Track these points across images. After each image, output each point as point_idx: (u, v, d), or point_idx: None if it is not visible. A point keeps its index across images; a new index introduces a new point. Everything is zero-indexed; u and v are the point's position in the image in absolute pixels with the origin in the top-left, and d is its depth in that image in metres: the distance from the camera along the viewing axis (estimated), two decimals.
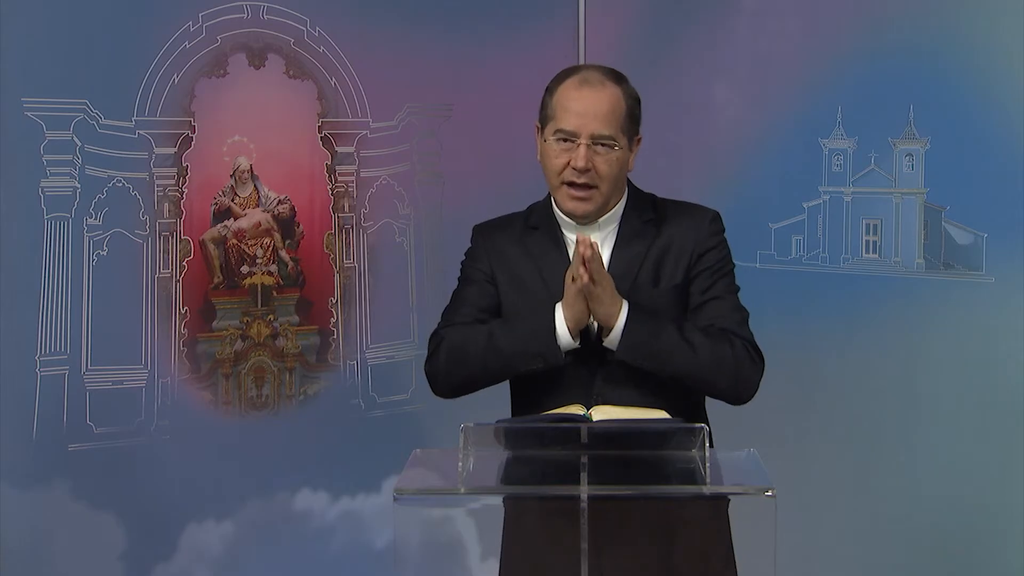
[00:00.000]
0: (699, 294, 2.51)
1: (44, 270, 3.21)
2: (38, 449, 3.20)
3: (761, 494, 2.07)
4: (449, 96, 3.83)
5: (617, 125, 2.46)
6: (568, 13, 4.01)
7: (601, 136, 2.44)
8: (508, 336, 2.46)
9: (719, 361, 2.43)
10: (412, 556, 2.26)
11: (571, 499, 2.09)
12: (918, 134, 3.55)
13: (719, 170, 3.83)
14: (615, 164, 2.47)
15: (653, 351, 2.40)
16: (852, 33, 3.63)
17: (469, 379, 2.52)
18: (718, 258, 2.53)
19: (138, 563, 3.37)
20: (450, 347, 2.51)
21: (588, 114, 2.44)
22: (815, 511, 3.54)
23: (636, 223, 2.54)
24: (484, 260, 2.59)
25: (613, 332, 2.39)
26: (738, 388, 2.47)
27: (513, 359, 2.45)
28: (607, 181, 2.47)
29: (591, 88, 2.47)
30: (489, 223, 2.66)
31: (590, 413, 2.31)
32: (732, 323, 2.48)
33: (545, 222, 2.57)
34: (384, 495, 3.67)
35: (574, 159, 2.44)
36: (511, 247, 2.58)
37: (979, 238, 3.45)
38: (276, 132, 3.57)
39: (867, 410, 3.63)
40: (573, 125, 2.45)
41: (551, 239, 2.55)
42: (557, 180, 2.49)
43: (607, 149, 2.45)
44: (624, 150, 2.48)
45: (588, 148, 2.44)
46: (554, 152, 2.47)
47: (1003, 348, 3.41)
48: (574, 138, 2.45)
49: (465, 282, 2.61)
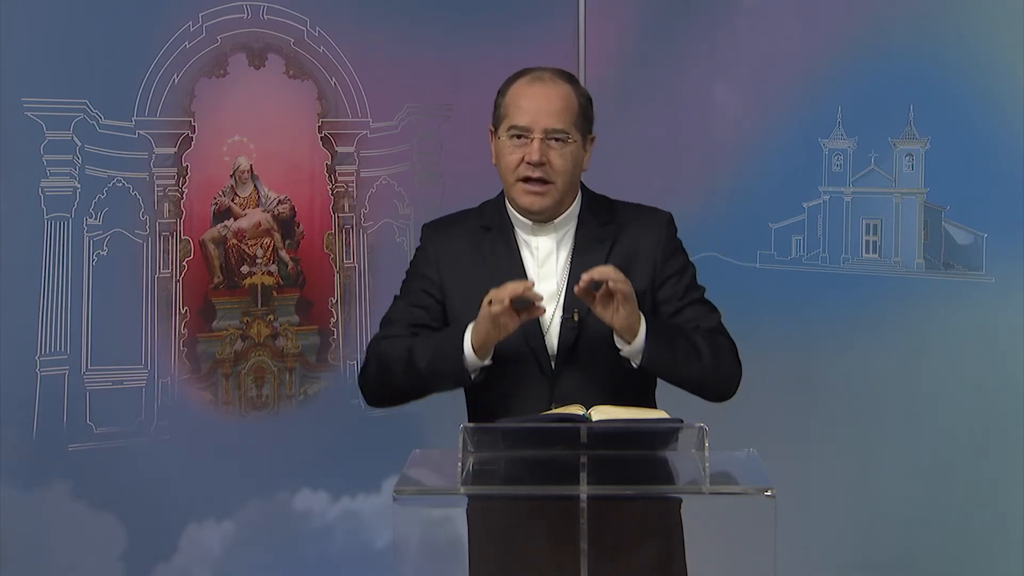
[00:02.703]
0: (675, 300, 2.51)
1: (44, 270, 3.21)
2: (38, 449, 3.20)
3: (761, 494, 2.07)
4: (449, 96, 3.83)
5: (570, 120, 2.47)
6: (568, 13, 4.01)
7: (554, 130, 2.45)
8: (424, 356, 2.45)
9: (718, 364, 2.45)
10: (412, 556, 2.26)
11: (571, 499, 2.09)
12: (918, 134, 3.55)
13: (719, 170, 3.83)
14: (569, 158, 2.47)
15: (670, 361, 2.41)
16: (852, 33, 3.63)
17: (395, 393, 2.53)
18: (682, 263, 2.54)
19: (138, 563, 3.37)
20: (378, 362, 2.51)
21: (541, 110, 2.45)
22: (815, 511, 3.53)
23: (593, 226, 2.53)
24: (432, 264, 2.56)
25: (635, 344, 2.38)
26: (730, 387, 2.51)
27: (429, 378, 2.45)
28: (562, 175, 2.47)
29: (543, 84, 2.49)
30: (440, 221, 2.64)
31: (589, 413, 2.31)
32: (713, 323, 2.51)
33: (499, 223, 2.55)
34: (384, 495, 3.67)
35: (528, 153, 2.44)
36: (463, 246, 2.56)
37: (979, 238, 3.45)
38: (276, 132, 3.58)
39: (867, 410, 3.63)
40: (526, 120, 2.45)
41: (504, 242, 2.54)
42: (512, 177, 2.48)
43: (561, 144, 2.46)
44: (578, 145, 2.49)
45: (542, 142, 2.44)
46: (508, 149, 2.47)
47: (1003, 348, 3.40)
48: (527, 133, 2.45)
49: (406, 292, 2.59)
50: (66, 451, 3.24)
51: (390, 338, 2.52)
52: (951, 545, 3.51)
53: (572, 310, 2.46)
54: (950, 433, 3.50)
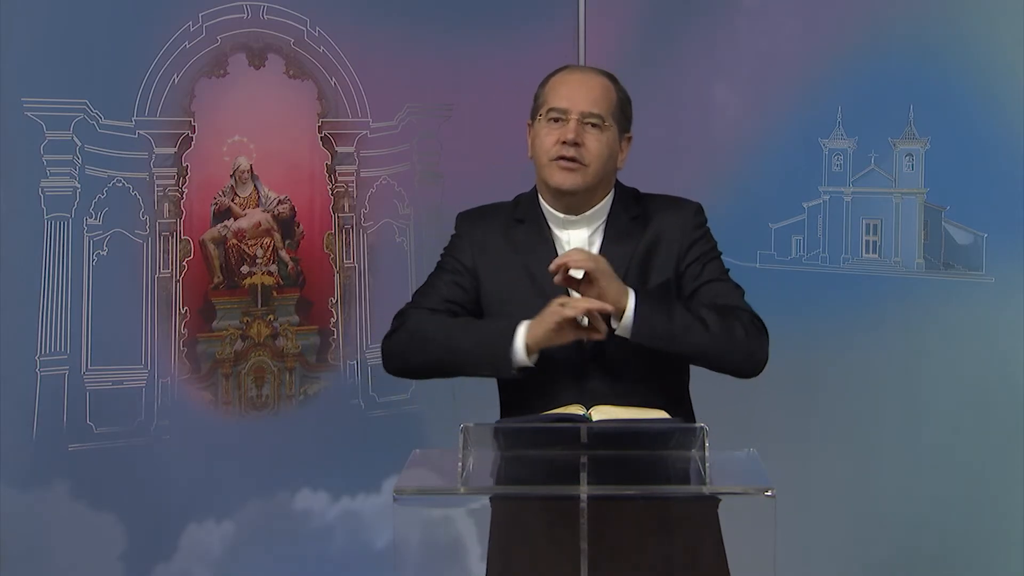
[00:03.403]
0: (692, 280, 2.51)
1: (44, 270, 3.21)
2: (38, 449, 3.20)
3: (761, 494, 2.07)
4: (449, 96, 3.83)
5: (607, 108, 2.49)
6: (568, 13, 4.01)
7: (591, 114, 2.47)
8: (467, 336, 2.45)
9: (730, 335, 2.42)
10: (412, 556, 2.26)
11: (571, 499, 2.09)
12: (918, 134, 3.55)
13: (719, 170, 3.83)
14: (604, 144, 2.48)
15: (666, 331, 2.39)
16: (852, 33, 3.63)
17: (422, 367, 2.52)
18: (705, 248, 2.55)
19: (138, 563, 3.37)
20: (412, 330, 2.50)
21: (578, 94, 2.49)
22: (815, 511, 3.53)
23: (624, 220, 2.54)
24: (466, 251, 2.58)
25: (624, 319, 2.37)
26: (751, 360, 2.47)
27: (465, 359, 2.44)
28: (596, 160, 2.48)
29: (582, 73, 2.55)
30: (474, 211, 2.65)
31: (590, 413, 2.31)
32: (733, 299, 2.50)
33: (532, 216, 2.57)
34: (384, 495, 3.67)
35: (564, 132, 2.46)
36: (496, 238, 2.57)
37: (979, 238, 3.45)
38: (276, 132, 3.57)
39: (867, 410, 3.63)
40: (564, 103, 2.48)
41: (538, 233, 2.55)
42: (546, 157, 2.49)
43: (597, 129, 2.48)
44: (613, 134, 2.50)
45: (578, 123, 2.46)
46: (544, 131, 2.50)
47: (1003, 348, 3.40)
48: (565, 115, 2.47)
49: (441, 270, 2.60)
50: (66, 451, 3.24)
51: (425, 310, 2.53)
52: (951, 545, 3.51)
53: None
54: (950, 433, 3.50)
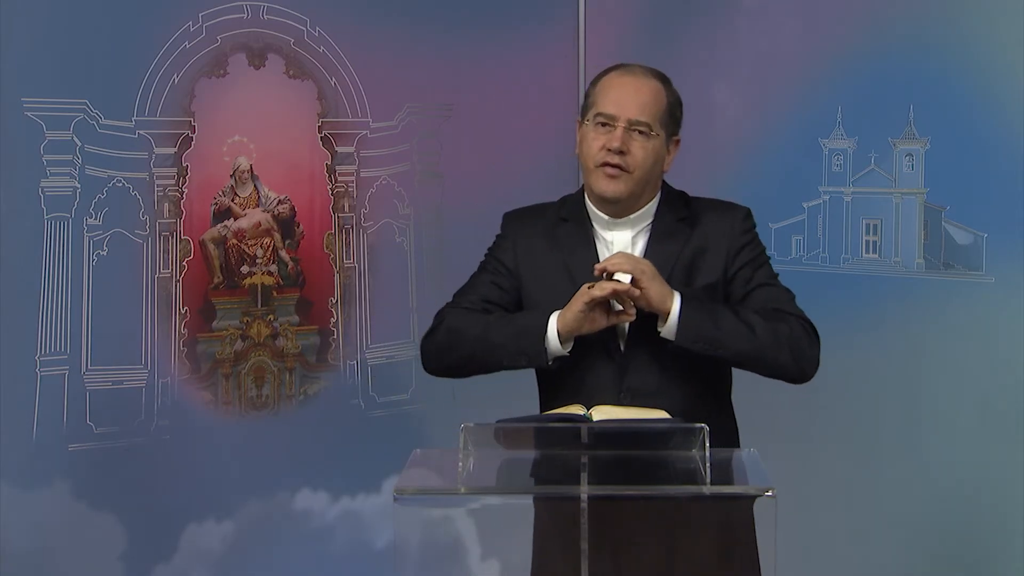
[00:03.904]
0: (742, 285, 2.52)
1: (44, 270, 3.21)
2: (38, 449, 3.20)
3: (761, 494, 2.07)
4: (449, 96, 3.83)
5: (656, 115, 2.50)
6: (568, 13, 4.01)
7: (638, 122, 2.48)
8: (501, 329, 2.48)
9: (777, 339, 2.44)
10: (412, 556, 2.26)
11: (571, 499, 2.09)
12: (918, 134, 3.55)
13: (719, 170, 3.82)
14: (650, 152, 2.49)
15: (711, 336, 2.40)
16: (852, 33, 3.63)
17: (459, 363, 2.54)
18: (754, 253, 2.56)
19: (138, 563, 3.36)
20: (448, 328, 2.54)
21: (627, 100, 2.49)
22: (815, 511, 3.53)
23: (670, 221, 2.55)
24: (509, 251, 2.61)
25: (668, 321, 2.39)
26: (800, 364, 2.48)
27: (502, 352, 2.46)
28: (641, 167, 2.49)
29: (633, 76, 2.53)
30: (520, 211, 2.67)
31: (590, 413, 2.31)
32: (783, 303, 2.51)
33: (576, 215, 2.58)
34: (384, 495, 3.67)
35: (610, 140, 2.47)
36: (539, 238, 2.59)
37: (979, 238, 3.45)
38: (276, 132, 3.57)
39: (867, 410, 3.63)
40: (612, 109, 2.48)
41: (581, 233, 2.56)
42: (592, 163, 2.51)
43: (644, 137, 2.48)
44: (660, 141, 2.51)
45: (625, 131, 2.47)
46: (591, 136, 2.50)
47: (1003, 348, 3.40)
48: (612, 121, 2.48)
49: (482, 270, 2.63)
50: (66, 451, 3.24)
51: (462, 308, 2.55)
52: (951, 545, 3.51)
53: None
54: (950, 433, 3.50)
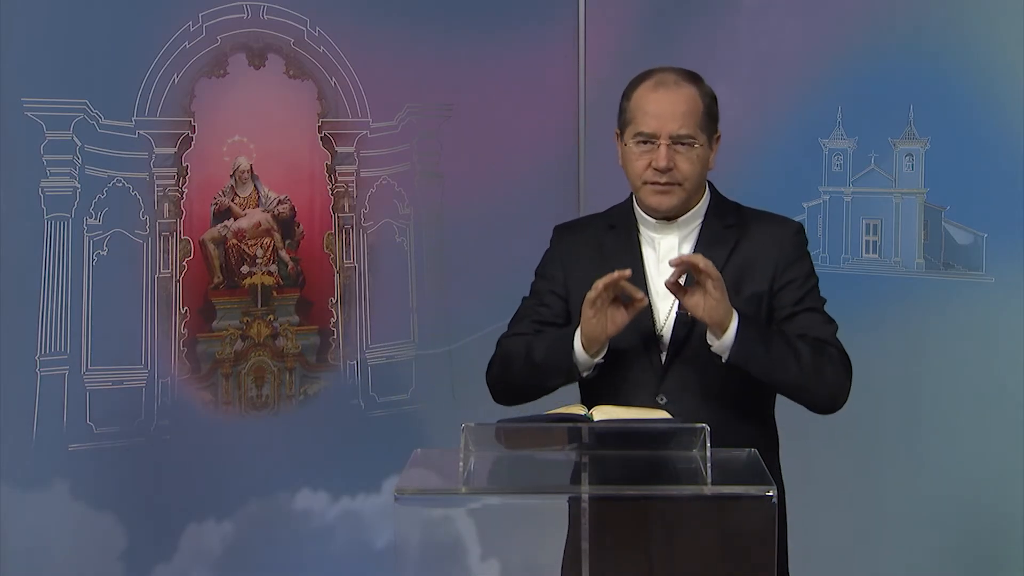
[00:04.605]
0: (790, 305, 2.52)
1: (44, 270, 3.20)
2: (38, 449, 3.20)
3: (761, 494, 2.07)
4: (449, 96, 3.83)
5: (695, 123, 2.50)
6: (568, 13, 4.01)
7: (680, 136, 2.48)
8: (540, 351, 2.50)
9: (819, 374, 2.46)
10: (412, 556, 2.26)
11: (571, 499, 2.09)
12: (918, 134, 3.55)
13: (719, 170, 3.80)
14: (697, 162, 2.50)
15: (763, 362, 2.42)
16: (852, 33, 3.63)
17: (514, 390, 2.57)
18: (804, 271, 2.55)
19: (138, 563, 3.36)
20: (501, 356, 2.59)
21: (666, 115, 2.48)
22: (815, 511, 3.53)
23: (717, 227, 2.56)
24: (557, 265, 2.63)
25: (724, 338, 2.39)
26: (831, 401, 2.52)
27: (544, 371, 2.50)
28: (690, 179, 2.50)
29: (667, 89, 2.51)
30: (567, 224, 2.71)
31: (590, 413, 2.31)
32: (826, 333, 2.52)
33: (623, 221, 2.60)
34: (384, 495, 3.67)
35: (655, 159, 2.47)
36: (585, 247, 2.60)
37: (979, 238, 3.46)
38: (276, 132, 3.57)
39: (867, 410, 3.61)
40: (652, 127, 2.48)
41: (626, 238, 2.57)
42: (639, 181, 2.52)
43: (687, 148, 2.49)
44: (704, 147, 2.51)
45: (669, 148, 2.47)
46: (635, 155, 2.50)
47: (1003, 348, 3.41)
48: (654, 139, 2.48)
49: (532, 292, 2.65)
50: (66, 451, 3.24)
51: (514, 336, 2.58)
52: (951, 545, 3.51)
53: None
54: (950, 433, 3.50)
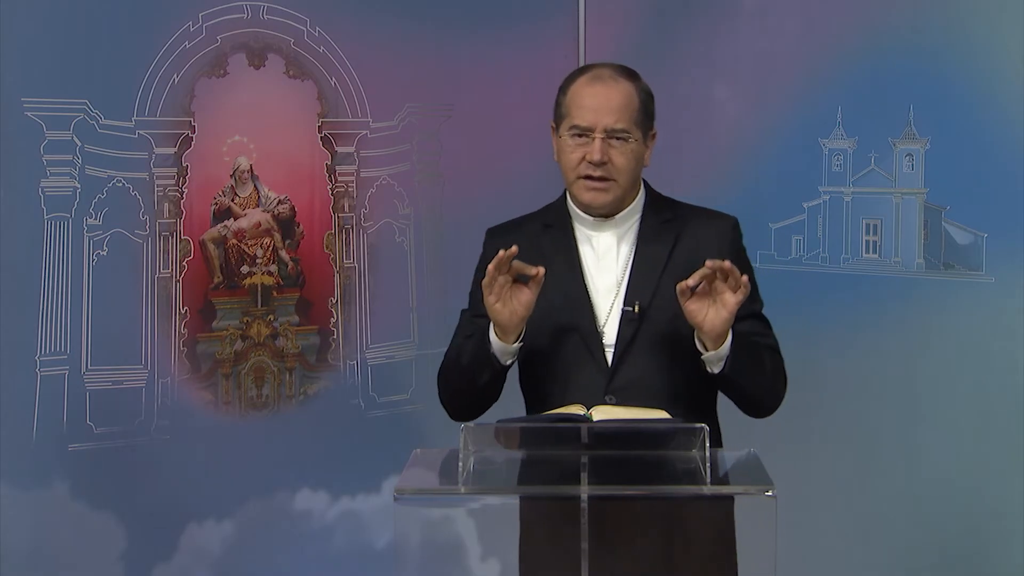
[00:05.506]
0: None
1: (44, 270, 3.21)
2: (38, 449, 3.20)
3: (761, 494, 2.07)
4: (449, 96, 3.83)
5: (631, 118, 2.49)
6: (568, 13, 4.01)
7: (615, 130, 2.47)
8: (465, 351, 2.50)
9: (774, 382, 2.51)
10: (412, 556, 2.26)
11: (571, 499, 2.09)
12: (918, 134, 3.55)
13: (719, 170, 3.83)
14: (631, 157, 2.49)
15: (747, 372, 2.43)
16: (852, 33, 3.63)
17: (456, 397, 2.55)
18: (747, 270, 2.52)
19: (138, 563, 3.36)
20: (439, 374, 2.58)
21: (601, 108, 2.47)
22: (815, 511, 3.53)
23: (655, 223, 2.55)
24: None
25: (719, 350, 2.38)
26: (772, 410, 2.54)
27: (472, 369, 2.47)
28: (624, 174, 2.49)
29: (603, 83, 2.50)
30: (501, 226, 2.66)
31: (590, 413, 2.31)
32: (774, 342, 2.54)
33: (559, 220, 2.58)
34: (384, 495, 3.67)
35: (589, 153, 2.46)
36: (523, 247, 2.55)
37: (979, 238, 3.46)
38: (276, 132, 3.57)
39: (867, 410, 3.63)
40: (587, 120, 2.47)
41: (563, 237, 2.56)
42: (573, 175, 2.50)
43: (622, 142, 2.48)
44: (639, 143, 2.51)
45: (603, 141, 2.46)
46: (570, 148, 2.50)
47: (1003, 348, 3.41)
48: (589, 133, 2.47)
49: (470, 303, 2.61)
50: (66, 451, 3.24)
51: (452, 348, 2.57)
52: (951, 545, 3.51)
53: (633, 302, 2.47)
54: (950, 433, 3.50)
